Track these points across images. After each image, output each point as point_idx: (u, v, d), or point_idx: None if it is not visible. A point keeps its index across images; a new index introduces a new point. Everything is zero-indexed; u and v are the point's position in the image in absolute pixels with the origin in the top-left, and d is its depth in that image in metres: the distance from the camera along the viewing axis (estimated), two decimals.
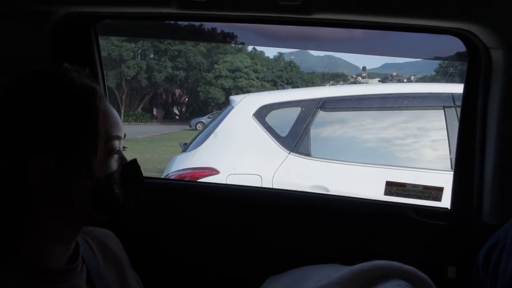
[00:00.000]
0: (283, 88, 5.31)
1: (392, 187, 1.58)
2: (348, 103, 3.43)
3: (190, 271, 1.52)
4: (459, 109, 3.00)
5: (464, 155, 1.45)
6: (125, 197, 0.88)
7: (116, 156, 0.89)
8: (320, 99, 3.34)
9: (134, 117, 22.38)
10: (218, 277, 1.51)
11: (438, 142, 3.27)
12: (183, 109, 25.98)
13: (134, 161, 0.94)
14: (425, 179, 2.83)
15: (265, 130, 3.27)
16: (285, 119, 3.41)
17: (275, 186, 2.98)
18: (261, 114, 3.31)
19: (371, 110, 3.39)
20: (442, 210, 1.52)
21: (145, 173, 0.98)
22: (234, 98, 3.65)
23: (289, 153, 3.20)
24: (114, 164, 0.88)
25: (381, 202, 1.57)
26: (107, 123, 0.87)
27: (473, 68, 1.38)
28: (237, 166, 3.19)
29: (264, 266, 1.45)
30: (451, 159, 3.03)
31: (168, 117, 24.86)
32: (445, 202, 1.55)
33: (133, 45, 23.22)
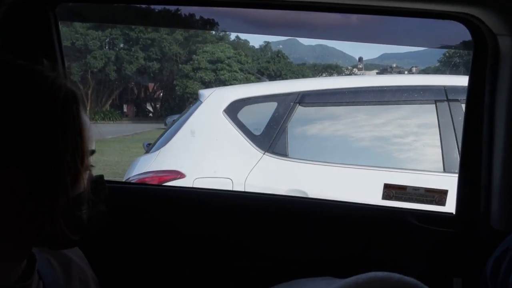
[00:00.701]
0: (260, 81, 5.35)
1: (390, 190, 1.59)
2: (329, 97, 3.44)
3: (167, 279, 1.54)
4: (452, 103, 3.11)
5: (470, 154, 1.47)
6: (91, 218, 0.88)
7: (88, 173, 0.89)
8: (298, 93, 3.34)
9: (102, 115, 22.16)
10: (195, 285, 1.53)
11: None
12: (157, 106, 25.84)
13: (101, 177, 0.93)
14: (427, 183, 2.88)
15: (237, 128, 3.25)
16: (260, 116, 3.40)
17: (248, 191, 2.98)
18: (233, 110, 3.30)
19: (354, 105, 3.41)
20: (446, 215, 1.53)
21: (115, 177, 0.98)
22: (203, 92, 3.64)
23: (263, 154, 3.19)
24: (84, 181, 0.87)
25: (379, 207, 1.59)
26: (86, 135, 0.86)
27: (479, 57, 1.40)
28: (205, 169, 3.17)
29: (248, 277, 1.46)
30: (443, 159, 3.07)
31: (140, 115, 24.69)
32: (450, 206, 1.57)
33: (100, 33, 23.02)
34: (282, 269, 1.45)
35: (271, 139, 3.23)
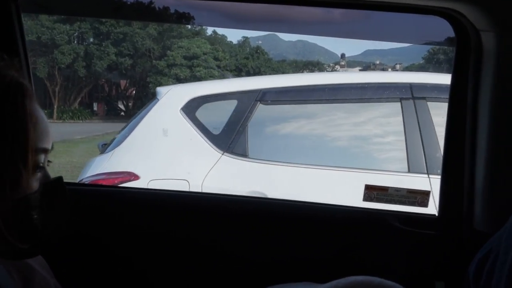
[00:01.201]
0: (224, 77, 5.36)
1: (372, 192, 1.61)
2: (291, 95, 3.43)
3: (132, 284, 1.54)
4: (418, 101, 3.15)
5: (452, 154, 1.49)
6: (45, 224, 0.85)
7: (39, 173, 0.85)
8: (259, 90, 3.33)
9: (70, 114, 21.86)
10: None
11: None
12: (129, 104, 25.57)
13: (59, 179, 0.90)
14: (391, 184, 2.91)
15: (195, 127, 3.23)
16: (220, 114, 3.40)
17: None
18: (191, 108, 3.27)
19: (317, 103, 3.42)
20: (429, 217, 1.56)
21: None
22: (161, 89, 3.61)
23: (222, 154, 3.18)
24: (35, 183, 0.84)
25: (360, 209, 1.61)
26: (36, 131, 0.83)
27: (462, 54, 1.42)
28: (161, 170, 3.14)
29: (222, 281, 1.46)
30: (408, 159, 3.09)
31: (111, 113, 24.41)
32: (432, 208, 1.60)
33: (68, 26, 22.68)
34: (261, 273, 1.45)
35: (231, 138, 3.22)
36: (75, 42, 23.35)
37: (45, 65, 22.01)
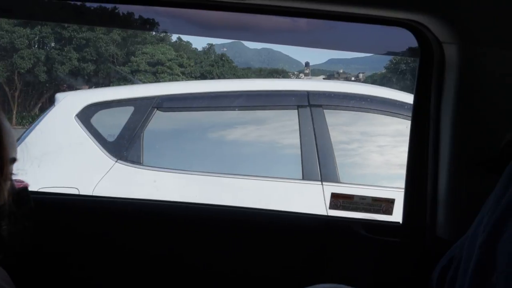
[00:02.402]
0: (134, 83, 5.27)
1: (338, 200, 1.63)
2: (188, 102, 3.43)
3: None
4: (314, 109, 3.22)
5: (416, 164, 1.52)
6: (10, 235, 0.83)
7: (8, 183, 0.84)
8: (157, 97, 3.32)
9: (30, 120, 21.29)
10: None
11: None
12: None
13: (25, 189, 0.90)
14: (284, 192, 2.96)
15: (89, 134, 3.19)
16: (116, 121, 3.35)
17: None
18: (86, 115, 3.23)
19: (214, 110, 3.44)
20: (393, 224, 1.58)
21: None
22: (59, 95, 3.52)
23: (115, 161, 3.15)
24: (4, 193, 0.83)
25: (326, 217, 1.62)
26: (8, 141, 0.82)
27: (425, 65, 1.45)
28: (51, 177, 3.04)
29: None
30: (302, 167, 3.13)
31: None
32: (397, 215, 1.62)
33: (28, 30, 22.15)
34: (224, 283, 1.44)
35: (125, 146, 3.19)
36: (36, 46, 22.83)
37: (3, 69, 21.43)
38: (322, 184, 3.05)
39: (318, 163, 3.12)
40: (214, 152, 3.48)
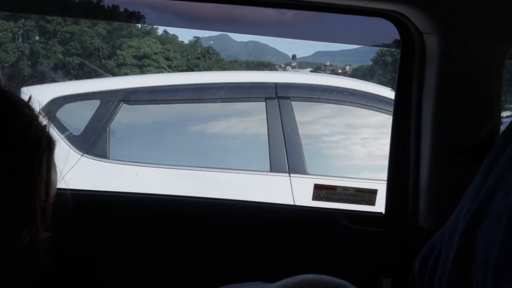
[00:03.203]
0: (103, 76, 5.23)
1: (320, 191, 1.63)
2: (156, 95, 3.42)
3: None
4: (282, 101, 3.23)
5: (398, 154, 1.53)
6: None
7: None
8: (123, 90, 3.32)
9: None
10: None
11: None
12: None
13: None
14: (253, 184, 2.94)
15: (55, 128, 3.17)
16: (83, 115, 3.34)
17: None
18: (51, 109, 3.16)
19: (182, 103, 3.44)
20: (376, 215, 1.59)
21: None
22: (25, 89, 3.49)
23: (81, 155, 3.14)
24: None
25: (309, 208, 1.62)
26: (54, 177, 0.86)
27: (407, 56, 1.46)
28: None
29: (170, 284, 1.45)
30: (270, 159, 3.14)
31: None
32: (380, 206, 1.63)
33: (12, 23, 21.88)
34: (208, 276, 1.44)
35: (91, 139, 3.18)
36: (20, 40, 22.58)
37: None
38: (289, 176, 3.06)
39: (285, 155, 3.13)
40: (188, 145, 3.48)
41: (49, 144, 0.82)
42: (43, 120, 0.83)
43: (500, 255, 0.87)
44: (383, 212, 1.58)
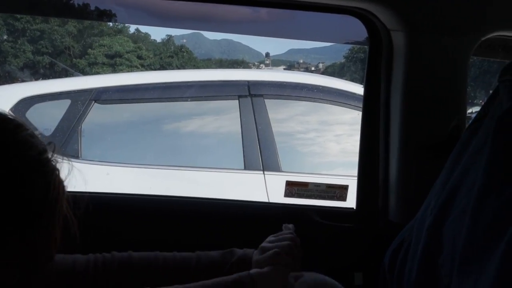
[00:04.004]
0: (73, 75, 5.18)
1: (293, 188, 1.64)
2: (128, 93, 3.39)
3: None
4: (255, 98, 3.26)
5: (367, 150, 1.55)
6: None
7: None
8: (94, 89, 3.28)
9: None
10: None
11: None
12: None
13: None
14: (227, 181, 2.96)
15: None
16: (53, 115, 3.29)
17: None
18: (21, 109, 3.17)
19: (154, 102, 3.42)
20: (347, 210, 1.61)
21: None
22: None
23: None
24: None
25: (280, 205, 1.63)
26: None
27: (375, 52, 1.48)
28: None
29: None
30: (244, 157, 3.15)
31: None
32: (351, 201, 1.65)
33: None
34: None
35: (63, 140, 3.13)
36: None
37: None
38: (263, 173, 3.07)
39: (259, 153, 3.14)
40: (161, 144, 3.45)
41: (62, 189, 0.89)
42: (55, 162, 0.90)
43: (465, 247, 0.89)
44: (354, 208, 1.60)
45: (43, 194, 0.83)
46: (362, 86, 3.29)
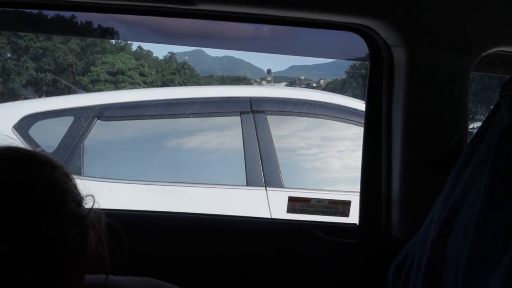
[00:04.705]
0: (76, 92, 5.23)
1: (295, 203, 1.64)
2: (131, 110, 3.40)
3: None
4: (257, 115, 3.27)
5: (370, 165, 1.55)
6: None
7: None
8: (97, 106, 3.30)
9: None
10: None
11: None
12: None
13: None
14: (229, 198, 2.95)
15: (27, 145, 3.17)
16: (56, 132, 3.31)
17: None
18: (24, 126, 3.19)
19: (157, 118, 3.43)
20: (350, 226, 1.60)
21: None
22: None
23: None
24: None
25: (284, 221, 1.63)
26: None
27: (376, 68, 1.49)
28: None
29: None
30: (246, 173, 3.14)
31: None
32: (353, 217, 1.65)
33: None
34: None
35: (65, 156, 3.14)
36: None
37: None
38: (266, 189, 3.07)
39: (261, 169, 3.14)
40: (164, 161, 3.46)
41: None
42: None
43: (468, 262, 0.89)
44: (357, 223, 1.59)
45: (78, 241, 0.86)
46: (363, 102, 3.31)
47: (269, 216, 2.79)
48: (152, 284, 1.08)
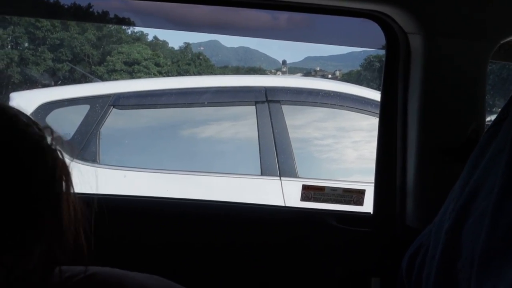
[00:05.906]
0: (92, 81, 5.26)
1: (309, 192, 1.63)
2: (146, 99, 3.41)
3: None
4: (272, 104, 3.25)
5: (385, 154, 1.54)
6: None
7: None
8: (113, 94, 3.32)
9: None
10: None
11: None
12: None
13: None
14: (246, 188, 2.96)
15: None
16: (72, 119, 3.34)
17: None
18: (41, 114, 3.22)
19: (172, 107, 3.44)
20: (364, 215, 1.60)
21: None
22: (14, 95, 3.53)
23: (71, 160, 3.10)
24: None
25: (297, 209, 1.63)
26: None
27: (392, 55, 1.47)
28: None
29: None
30: (261, 162, 3.15)
31: None
32: (368, 206, 1.64)
33: (1, 31, 21.79)
34: (196, 278, 1.44)
35: (82, 144, 3.16)
36: (9, 46, 22.46)
37: None
38: (280, 179, 3.06)
39: (276, 158, 3.14)
40: (179, 150, 3.47)
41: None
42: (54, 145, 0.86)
43: (484, 251, 0.88)
44: (371, 212, 1.59)
45: (48, 174, 0.83)
46: (379, 92, 3.28)
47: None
48: (165, 284, 1.06)
